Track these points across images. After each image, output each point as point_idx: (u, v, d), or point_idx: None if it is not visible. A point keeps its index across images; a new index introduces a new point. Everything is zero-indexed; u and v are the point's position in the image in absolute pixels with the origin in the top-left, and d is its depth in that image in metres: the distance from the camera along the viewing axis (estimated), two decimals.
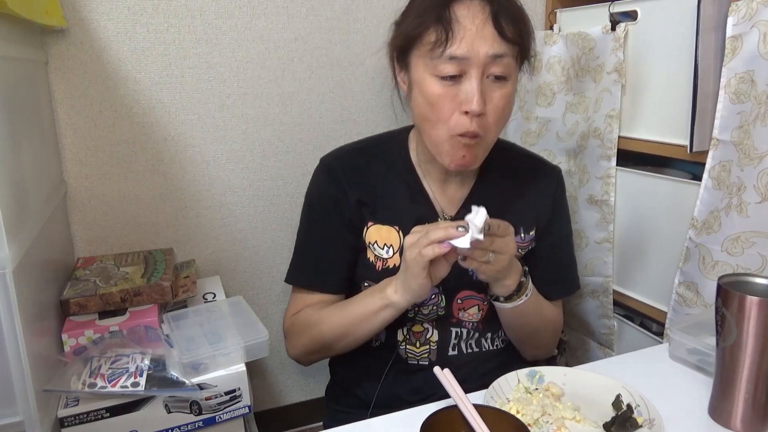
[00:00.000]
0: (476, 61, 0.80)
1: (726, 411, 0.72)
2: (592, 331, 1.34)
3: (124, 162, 1.15)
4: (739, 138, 0.93)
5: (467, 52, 0.80)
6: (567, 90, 1.25)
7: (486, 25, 0.80)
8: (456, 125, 0.83)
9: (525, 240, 1.00)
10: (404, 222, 0.95)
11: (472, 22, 0.80)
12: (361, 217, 0.97)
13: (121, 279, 0.99)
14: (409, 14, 0.87)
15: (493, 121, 0.85)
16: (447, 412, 0.66)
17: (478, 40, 0.80)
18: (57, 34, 1.05)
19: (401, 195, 0.97)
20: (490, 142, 0.89)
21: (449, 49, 0.80)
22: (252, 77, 1.20)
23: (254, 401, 1.01)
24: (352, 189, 0.96)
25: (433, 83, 0.83)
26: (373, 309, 0.89)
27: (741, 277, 0.73)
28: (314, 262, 1.00)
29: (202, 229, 1.25)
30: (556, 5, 1.36)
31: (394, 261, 0.95)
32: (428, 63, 0.83)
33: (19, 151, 0.81)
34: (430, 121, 0.86)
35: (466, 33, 0.80)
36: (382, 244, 0.96)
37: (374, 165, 0.98)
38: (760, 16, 0.88)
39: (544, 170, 1.05)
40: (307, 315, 0.98)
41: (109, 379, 0.84)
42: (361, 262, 0.98)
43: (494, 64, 0.81)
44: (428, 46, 0.82)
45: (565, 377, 0.80)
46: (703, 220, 1.00)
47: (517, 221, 0.97)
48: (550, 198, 1.02)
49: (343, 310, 0.94)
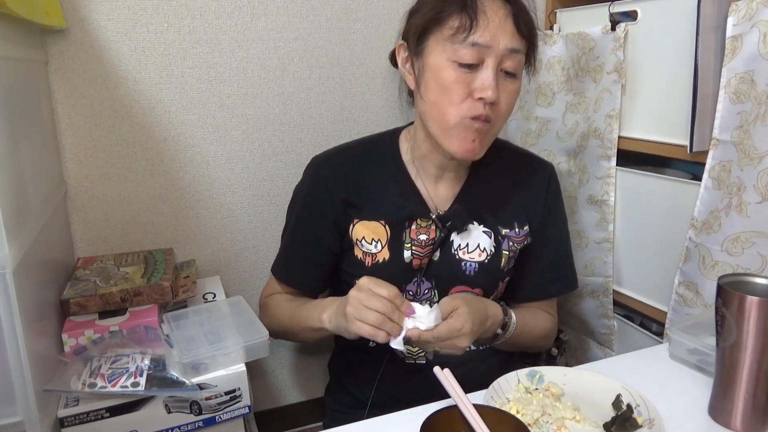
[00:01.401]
0: (496, 51, 0.84)
1: (726, 411, 0.72)
2: (591, 331, 1.34)
3: (124, 162, 1.15)
4: (739, 138, 0.93)
5: (490, 41, 0.83)
6: (567, 90, 1.25)
7: (507, 20, 0.85)
8: (469, 109, 0.85)
9: (520, 234, 1.01)
10: (392, 217, 0.97)
11: (496, 14, 0.84)
12: (346, 216, 0.99)
13: (121, 279, 0.99)
14: (428, 2, 0.89)
15: (503, 112, 0.88)
16: (447, 412, 0.66)
17: (499, 32, 0.84)
18: (57, 34, 1.05)
19: (391, 192, 0.99)
20: (495, 133, 0.91)
21: (473, 35, 0.83)
22: (252, 77, 1.20)
23: (254, 401, 1.01)
24: (338, 189, 0.98)
25: (449, 68, 0.85)
26: (310, 325, 0.94)
27: (741, 277, 0.73)
28: (291, 259, 1.05)
29: (202, 229, 1.25)
30: (556, 5, 1.36)
31: (383, 255, 0.97)
32: (447, 47, 0.85)
33: (19, 151, 0.81)
34: (441, 104, 0.87)
35: (489, 23, 0.83)
36: (370, 239, 0.98)
37: (365, 164, 1.00)
38: (760, 16, 0.88)
39: (536, 166, 1.07)
40: (273, 302, 1.06)
41: (109, 379, 0.84)
42: (349, 260, 1.00)
43: (509, 59, 0.85)
44: (451, 31, 0.84)
45: (565, 377, 0.80)
46: (703, 220, 1.00)
47: (509, 216, 1.00)
48: (543, 194, 1.03)
49: (293, 312, 0.99)
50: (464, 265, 0.98)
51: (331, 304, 0.90)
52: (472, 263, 0.98)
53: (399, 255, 0.96)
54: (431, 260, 0.97)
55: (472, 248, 0.98)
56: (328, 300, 0.93)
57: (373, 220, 0.98)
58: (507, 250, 1.00)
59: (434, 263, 0.98)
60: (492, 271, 0.99)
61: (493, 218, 1.00)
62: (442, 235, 0.96)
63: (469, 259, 0.98)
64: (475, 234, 0.99)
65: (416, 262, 0.97)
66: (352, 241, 0.98)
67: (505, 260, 1.00)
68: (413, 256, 0.96)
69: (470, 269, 0.98)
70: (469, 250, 0.98)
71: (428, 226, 0.97)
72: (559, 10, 1.34)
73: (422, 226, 0.97)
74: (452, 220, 0.96)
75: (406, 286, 0.98)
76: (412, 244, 0.97)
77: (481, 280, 0.99)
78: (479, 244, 0.98)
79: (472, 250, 0.98)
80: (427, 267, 0.97)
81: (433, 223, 0.97)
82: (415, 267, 0.97)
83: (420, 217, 0.97)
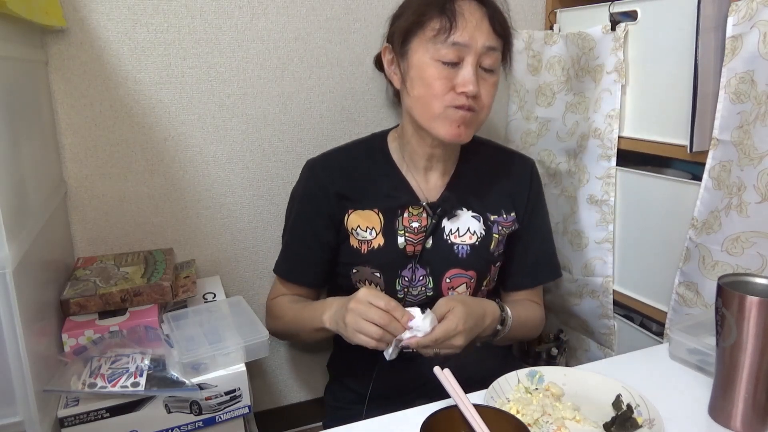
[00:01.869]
0: (474, 49, 0.91)
1: (726, 411, 0.72)
2: (591, 331, 1.34)
3: (124, 162, 1.15)
4: (739, 138, 0.93)
5: (468, 40, 0.90)
6: (567, 90, 1.25)
7: (483, 21, 0.92)
8: (453, 100, 0.92)
9: (507, 220, 1.07)
10: (385, 205, 1.03)
11: (473, 15, 0.92)
12: (341, 208, 1.03)
13: (121, 279, 0.99)
14: (409, 7, 0.97)
15: (485, 103, 0.95)
16: (447, 412, 0.66)
17: (477, 32, 0.91)
18: (57, 34, 1.05)
19: (383, 185, 1.04)
20: (480, 122, 0.98)
21: (453, 36, 0.90)
22: (252, 77, 1.20)
23: (254, 401, 1.01)
24: (332, 184, 1.03)
25: (433, 66, 0.92)
26: (313, 326, 0.98)
27: (741, 277, 0.73)
28: (292, 257, 1.10)
29: (202, 229, 1.25)
30: (556, 5, 1.36)
31: (378, 242, 1.02)
32: (430, 47, 0.92)
33: (19, 151, 0.81)
34: (426, 97, 0.94)
35: (467, 24, 0.91)
36: (365, 227, 1.02)
37: (357, 163, 1.07)
38: (760, 16, 0.88)
39: (518, 161, 1.13)
40: (279, 304, 1.10)
41: (109, 379, 0.84)
42: (345, 250, 1.04)
43: (487, 56, 0.93)
44: (432, 32, 0.92)
45: (565, 377, 0.80)
46: (703, 220, 1.00)
47: (496, 203, 1.07)
48: (527, 185, 1.10)
49: (297, 314, 1.04)
50: (456, 249, 1.02)
51: (332, 304, 0.95)
52: (463, 246, 1.03)
53: (393, 241, 1.01)
54: (424, 248, 1.02)
55: (463, 232, 1.03)
56: (329, 300, 0.98)
57: (367, 209, 1.03)
58: (497, 233, 1.05)
59: (427, 250, 1.02)
60: (483, 252, 1.04)
61: (481, 205, 1.05)
62: (434, 221, 1.01)
63: (460, 242, 1.03)
64: (465, 218, 1.04)
65: (410, 249, 1.01)
66: (347, 231, 1.03)
67: (495, 243, 1.05)
68: (407, 243, 1.01)
69: (462, 252, 1.02)
70: (460, 234, 1.03)
71: (419, 214, 1.02)
72: (559, 10, 1.35)
73: (414, 214, 1.02)
74: (441, 206, 1.01)
75: (401, 272, 1.01)
76: (405, 231, 1.01)
77: (473, 262, 1.03)
78: (469, 228, 1.03)
79: (463, 234, 1.03)
80: (421, 254, 1.01)
81: (424, 211, 1.02)
82: (408, 253, 1.01)
83: (411, 206, 1.03)
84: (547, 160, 1.35)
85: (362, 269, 1.02)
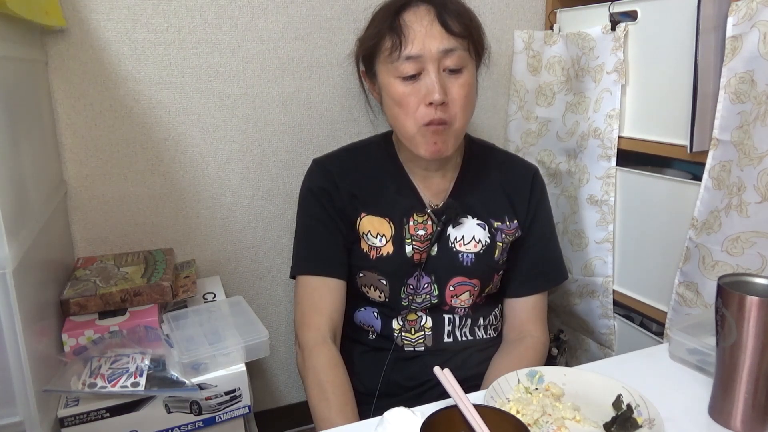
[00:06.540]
0: (429, 57, 0.90)
1: (726, 411, 0.72)
2: (592, 330, 1.34)
3: (124, 162, 1.15)
4: (739, 138, 0.93)
5: (420, 51, 0.90)
6: (567, 90, 1.25)
7: (433, 25, 0.90)
8: (422, 116, 0.92)
9: (510, 227, 1.06)
10: (394, 214, 1.02)
11: (420, 24, 0.91)
12: (353, 208, 1.02)
13: (121, 279, 0.99)
14: (369, 28, 0.99)
15: (458, 109, 0.93)
16: (447, 412, 0.66)
17: (428, 39, 0.90)
18: (57, 34, 1.05)
19: (390, 188, 1.04)
20: (459, 129, 0.96)
21: (404, 51, 0.90)
22: (252, 77, 1.20)
23: (254, 401, 1.01)
24: (343, 182, 1.02)
25: (396, 84, 0.93)
26: (319, 425, 0.91)
27: (741, 277, 0.73)
28: (313, 248, 1.04)
29: (202, 229, 1.24)
30: (556, 5, 1.36)
31: (387, 249, 1.01)
32: (389, 67, 0.93)
33: (19, 151, 0.81)
34: (399, 118, 0.95)
35: (416, 35, 0.90)
36: (376, 233, 1.02)
37: (363, 164, 1.06)
38: (760, 16, 0.88)
39: (521, 167, 1.11)
40: (316, 363, 0.95)
41: (109, 379, 0.84)
42: (355, 252, 1.03)
43: (447, 58, 0.91)
44: (387, 52, 0.93)
45: (565, 377, 0.80)
46: (703, 220, 1.00)
47: (500, 210, 1.05)
48: (528, 191, 1.07)
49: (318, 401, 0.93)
50: (461, 257, 1.02)
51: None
52: (468, 254, 1.02)
53: (401, 249, 1.01)
54: (429, 255, 1.01)
55: (467, 240, 1.02)
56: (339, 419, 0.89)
57: (379, 216, 1.02)
58: (501, 241, 1.04)
59: (432, 258, 1.01)
60: (487, 261, 1.03)
61: (485, 211, 1.04)
62: (439, 228, 1.01)
63: (465, 250, 1.02)
64: (470, 226, 1.03)
65: (417, 257, 1.01)
66: (359, 233, 1.02)
67: (499, 252, 1.04)
68: (414, 251, 1.01)
69: (467, 260, 1.02)
70: (465, 242, 1.02)
71: (425, 222, 1.02)
72: (559, 10, 1.34)
73: (419, 222, 1.01)
74: (446, 213, 1.01)
75: (407, 280, 1.01)
76: (413, 240, 1.01)
77: (477, 271, 1.02)
78: (474, 236, 1.03)
79: (468, 242, 1.02)
80: (426, 262, 1.01)
81: (428, 218, 1.02)
82: (415, 261, 1.01)
83: (417, 212, 1.02)
84: (547, 160, 1.35)
85: (369, 274, 1.02)
